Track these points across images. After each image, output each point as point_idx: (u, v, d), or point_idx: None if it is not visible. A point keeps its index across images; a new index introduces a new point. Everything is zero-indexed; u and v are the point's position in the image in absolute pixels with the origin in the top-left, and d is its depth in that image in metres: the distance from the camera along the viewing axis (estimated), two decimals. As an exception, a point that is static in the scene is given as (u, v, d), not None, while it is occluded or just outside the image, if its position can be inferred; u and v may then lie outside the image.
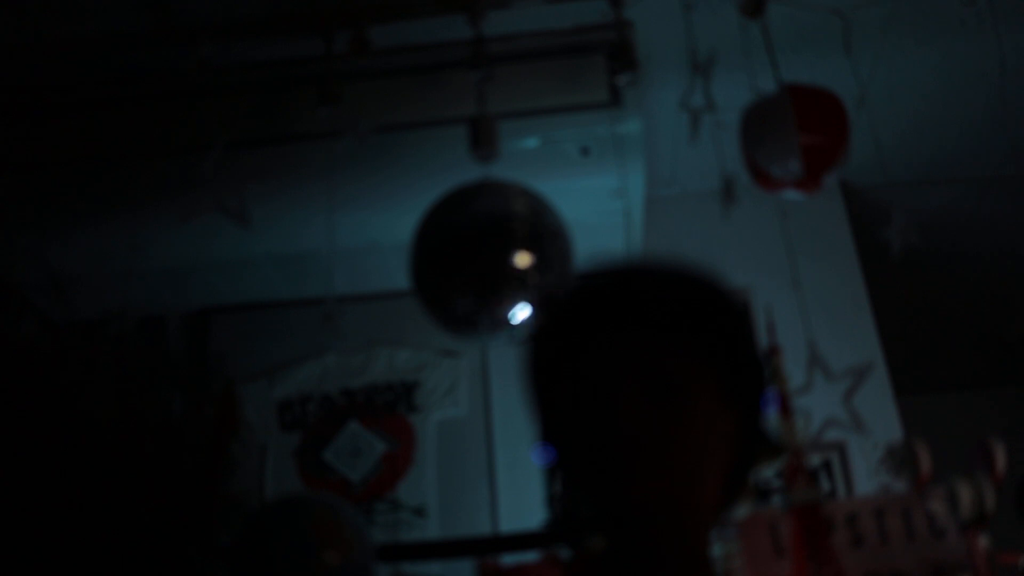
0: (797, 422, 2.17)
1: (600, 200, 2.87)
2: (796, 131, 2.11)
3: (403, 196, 2.68)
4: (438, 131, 2.63)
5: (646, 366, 0.92)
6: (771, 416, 2.14)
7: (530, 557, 2.39)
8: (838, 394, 2.86)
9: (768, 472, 2.28)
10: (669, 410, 0.90)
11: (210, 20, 2.49)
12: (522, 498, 3.08)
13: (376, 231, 2.94)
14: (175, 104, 2.70)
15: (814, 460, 3.09)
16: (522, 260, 2.08)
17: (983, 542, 2.10)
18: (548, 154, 2.79)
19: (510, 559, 2.43)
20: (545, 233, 2.13)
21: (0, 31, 2.50)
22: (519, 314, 2.09)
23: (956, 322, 4.46)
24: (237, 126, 2.59)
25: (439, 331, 2.24)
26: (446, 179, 2.23)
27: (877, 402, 3.18)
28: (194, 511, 2.16)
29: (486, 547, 2.54)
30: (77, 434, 2.09)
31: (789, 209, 2.68)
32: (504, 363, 3.33)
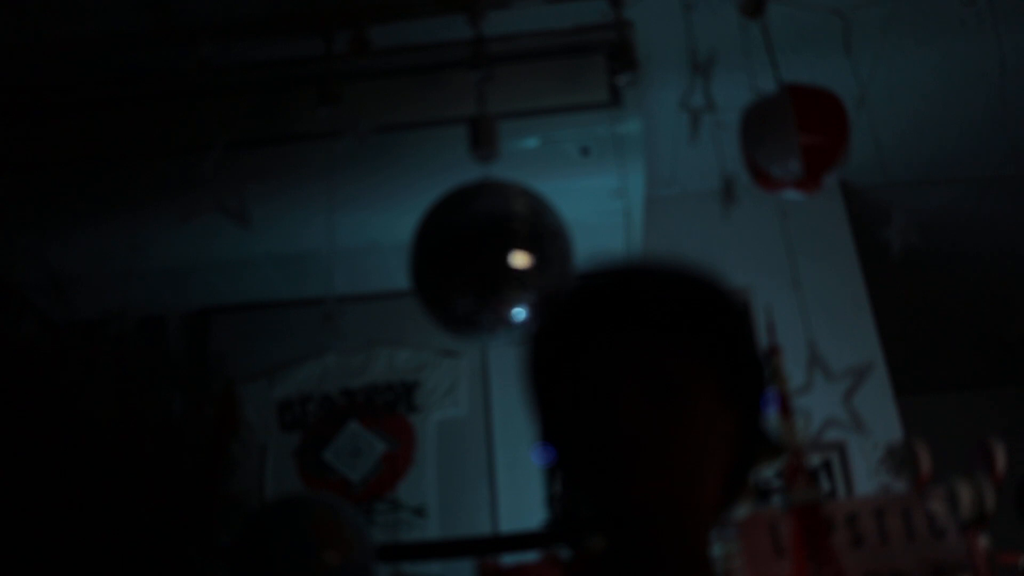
0: (797, 422, 2.17)
1: (600, 200, 2.87)
2: (796, 131, 2.11)
3: (403, 196, 2.68)
4: (438, 131, 2.63)
5: (646, 366, 0.92)
6: (771, 416, 2.14)
7: (530, 557, 2.39)
8: (838, 394, 2.86)
9: (768, 472, 2.28)
10: (669, 410, 0.90)
11: (210, 20, 2.49)
12: (522, 498, 3.08)
13: (376, 231, 2.94)
14: (175, 104, 2.70)
15: (814, 460, 3.08)
16: (522, 260, 2.08)
17: (983, 542, 2.10)
18: (548, 154, 2.79)
19: (510, 559, 2.43)
20: (545, 233, 2.13)
21: (0, 31, 2.50)
22: (519, 314, 2.09)
23: (956, 322, 4.46)
24: (237, 126, 2.59)
25: (439, 331, 2.23)
26: (446, 179, 2.22)
27: (877, 402, 3.18)
28: (194, 511, 2.16)
29: (486, 547, 2.54)
30: (77, 434, 2.09)
31: (789, 209, 2.68)
32: (504, 363, 3.33)
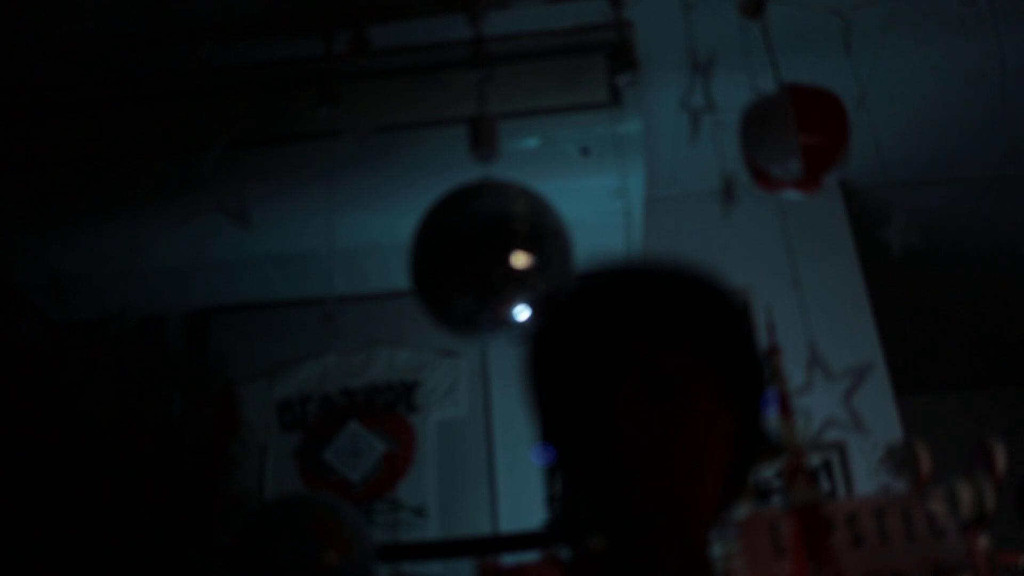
0: (797, 422, 2.17)
1: (600, 200, 2.87)
2: (796, 131, 2.11)
3: (403, 196, 2.68)
4: (438, 131, 2.63)
5: (646, 366, 0.92)
6: (771, 416, 2.14)
7: (530, 557, 2.39)
8: (838, 394, 2.86)
9: (768, 472, 2.28)
10: (669, 410, 0.90)
11: (210, 20, 2.49)
12: (522, 498, 3.08)
13: (376, 231, 2.94)
14: (175, 104, 2.70)
15: (814, 460, 3.08)
16: (522, 260, 2.08)
17: (983, 542, 2.10)
18: (548, 154, 2.79)
19: (510, 559, 2.43)
20: (545, 233, 2.13)
21: (0, 31, 2.50)
22: (519, 314, 2.09)
23: (956, 322, 4.46)
24: (237, 126, 2.59)
25: (439, 331, 2.24)
26: (446, 179, 2.22)
27: (877, 402, 3.18)
28: (194, 511, 2.16)
29: (486, 547, 2.54)
30: (77, 434, 2.09)
31: (789, 209, 2.68)
32: (504, 363, 3.33)
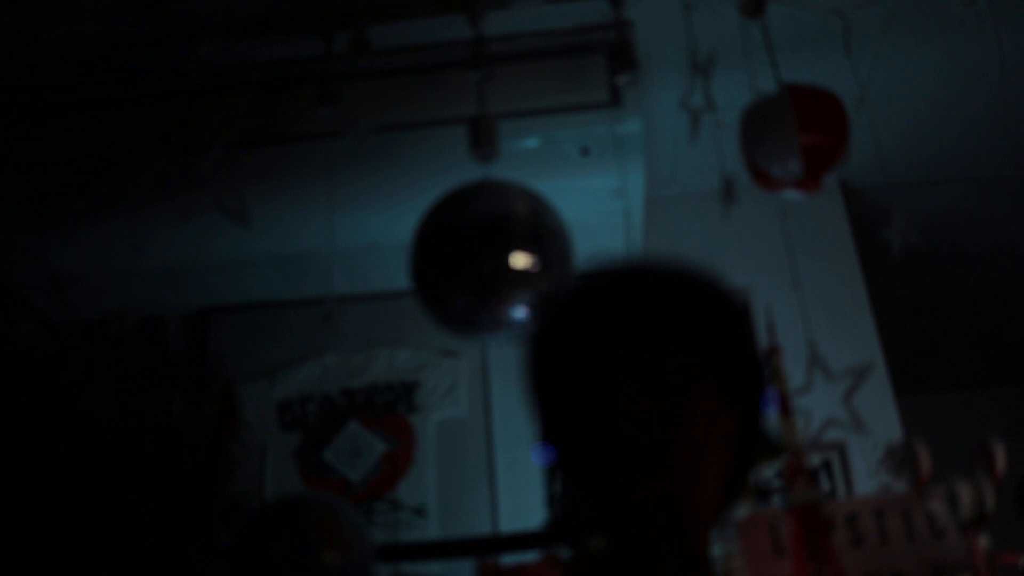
0: (797, 422, 2.17)
1: (600, 200, 2.87)
2: (796, 131, 2.11)
3: (403, 196, 2.68)
4: (438, 131, 2.63)
5: (646, 366, 0.92)
6: (771, 416, 2.14)
7: (530, 557, 2.39)
8: (838, 394, 2.86)
9: (768, 472, 2.28)
10: (669, 410, 0.90)
11: (210, 20, 2.49)
12: (522, 498, 3.08)
13: (376, 231, 2.94)
14: (175, 104, 2.70)
15: (814, 460, 3.08)
16: (522, 260, 2.08)
17: (983, 542, 2.10)
18: (548, 154, 2.79)
19: (510, 559, 2.43)
20: (545, 233, 2.13)
21: (0, 31, 2.50)
22: (519, 314, 2.09)
23: (956, 322, 4.46)
24: (237, 126, 2.59)
25: (439, 331, 2.24)
26: (446, 179, 2.22)
27: (877, 402, 3.18)
28: (194, 511, 2.16)
29: (486, 547, 2.54)
30: (77, 434, 2.09)
31: (789, 209, 2.67)
32: (504, 363, 3.33)
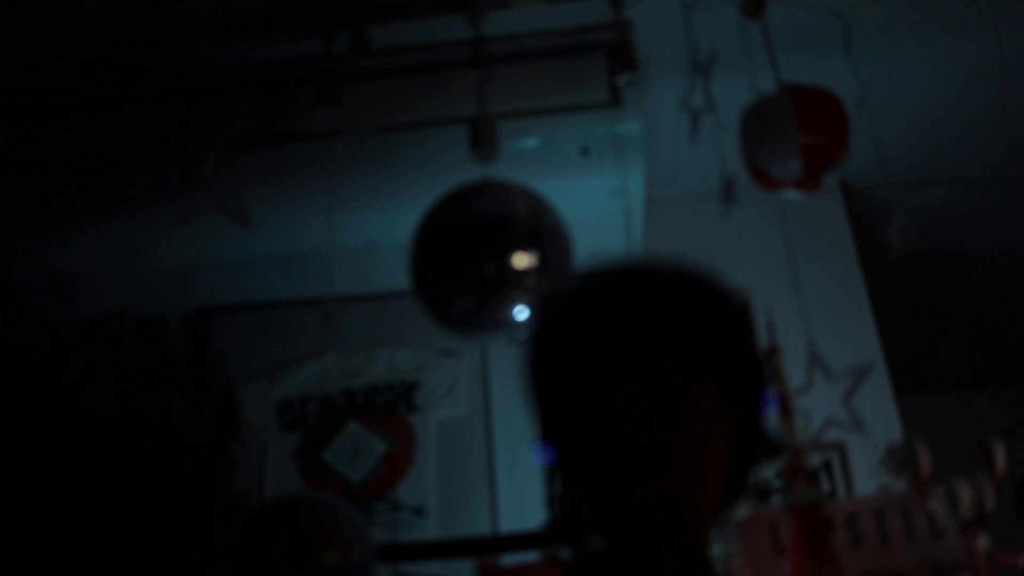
0: (797, 422, 2.17)
1: (600, 200, 2.87)
2: (796, 131, 2.11)
3: (403, 196, 2.68)
4: (438, 131, 2.63)
5: (646, 366, 0.92)
6: (771, 416, 2.14)
7: (530, 557, 2.39)
8: (838, 394, 2.85)
9: (768, 472, 2.28)
10: (669, 410, 0.90)
11: (210, 20, 2.49)
12: (522, 498, 3.08)
13: (376, 231, 2.94)
14: (175, 104, 2.70)
15: (814, 460, 3.08)
16: (522, 260, 2.08)
17: (983, 542, 2.10)
18: (548, 154, 2.79)
19: (510, 559, 2.43)
20: (545, 233, 2.13)
21: (0, 31, 2.50)
22: (519, 314, 2.09)
23: (956, 322, 4.46)
24: (237, 126, 2.59)
25: (439, 331, 2.24)
26: (446, 179, 2.22)
27: (877, 402, 3.18)
28: (194, 511, 2.16)
29: (486, 547, 2.54)
30: (77, 434, 2.09)
31: (789, 209, 2.67)
32: (504, 363, 3.33)
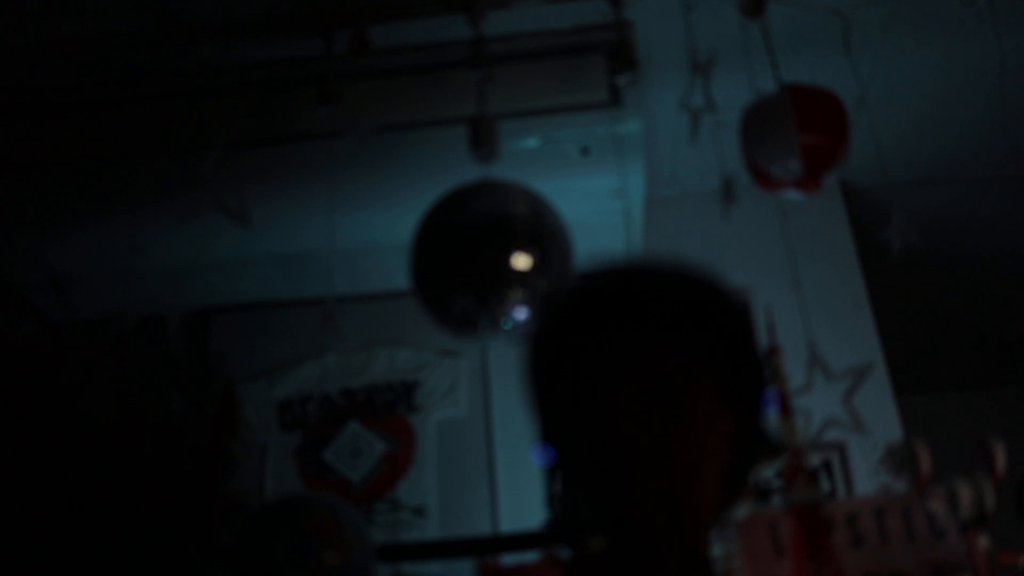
0: (797, 422, 2.17)
1: (600, 200, 2.87)
2: (796, 131, 2.11)
3: (403, 196, 2.68)
4: (438, 131, 2.63)
5: (646, 366, 0.92)
6: (771, 416, 2.14)
7: (530, 557, 2.39)
8: (838, 394, 2.85)
9: (768, 472, 2.28)
10: (669, 410, 0.90)
11: (210, 20, 2.49)
12: (522, 498, 3.08)
13: (376, 231, 2.94)
14: (175, 104, 2.70)
15: (814, 460, 3.08)
16: (522, 260, 2.08)
17: (983, 542, 2.10)
18: (548, 154, 2.79)
19: (510, 559, 2.43)
20: (545, 233, 2.13)
21: (0, 31, 2.50)
22: (519, 314, 2.09)
23: (956, 322, 4.46)
24: (237, 126, 2.59)
25: (439, 331, 2.23)
26: (446, 179, 2.23)
27: (877, 402, 3.18)
28: (194, 511, 2.16)
29: (486, 547, 2.54)
30: (77, 434, 2.09)
31: (789, 209, 2.67)
32: (504, 363, 3.33)
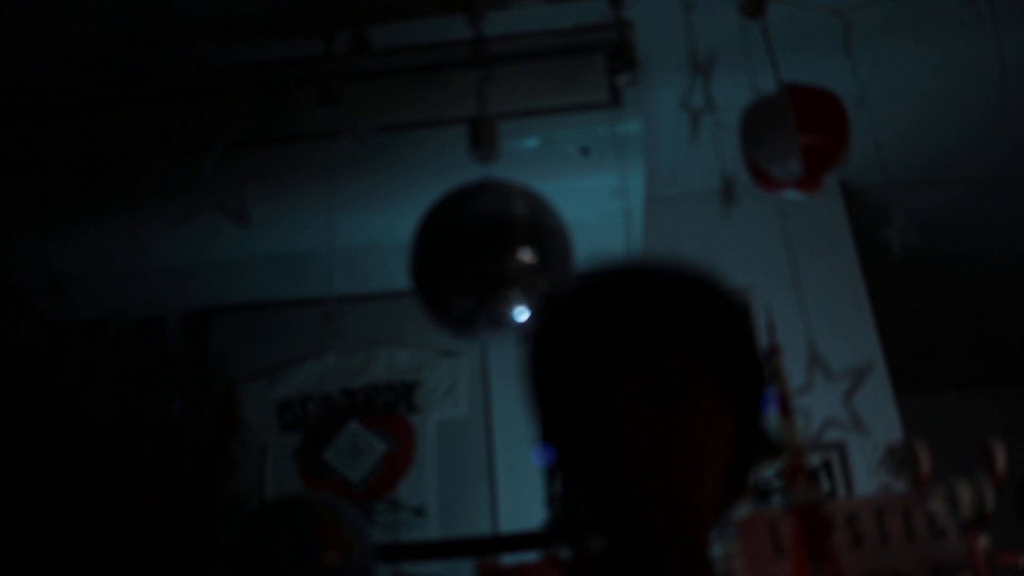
0: (797, 422, 2.17)
1: (600, 200, 2.87)
2: (796, 131, 2.11)
3: (403, 196, 2.68)
4: (438, 131, 2.63)
5: (646, 366, 0.92)
6: (771, 416, 2.14)
7: (530, 557, 2.39)
8: (838, 394, 2.85)
9: (768, 472, 2.28)
10: (669, 410, 0.90)
11: (210, 20, 2.49)
12: (522, 498, 3.08)
13: (376, 231, 2.94)
14: (175, 104, 2.70)
15: (814, 460, 3.08)
16: (522, 260, 2.08)
17: (983, 542, 2.10)
18: (548, 154, 2.79)
19: (510, 559, 2.43)
20: (545, 233, 2.13)
21: (0, 31, 2.50)
22: (519, 314, 2.09)
23: (956, 322, 4.46)
24: (237, 126, 2.59)
25: (439, 331, 2.24)
26: (446, 179, 2.23)
27: (877, 402, 3.18)
28: (194, 511, 2.16)
29: (486, 547, 2.54)
30: (77, 434, 2.09)
31: (789, 209, 2.67)
32: (504, 363, 3.33)
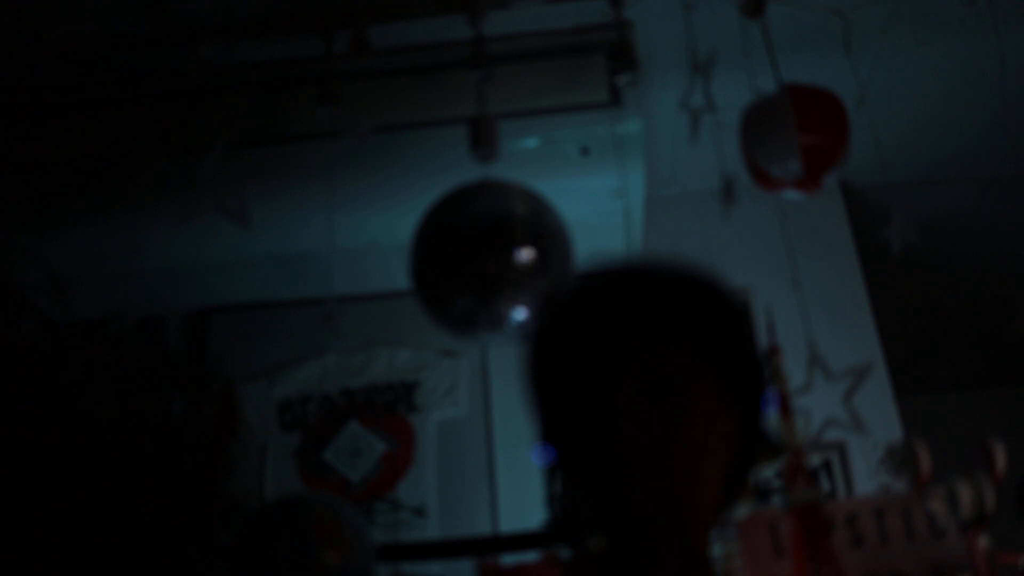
0: (797, 422, 2.17)
1: (600, 200, 2.87)
2: (796, 131, 2.11)
3: (403, 196, 2.68)
4: (438, 131, 2.63)
5: (646, 366, 0.92)
6: (771, 416, 2.14)
7: (530, 557, 2.39)
8: (838, 394, 2.85)
9: (768, 472, 2.28)
10: (669, 410, 0.90)
11: (210, 20, 2.49)
12: (522, 498, 3.08)
13: (376, 231, 2.94)
14: (175, 104, 2.70)
15: (814, 460, 3.08)
16: (522, 260, 2.08)
17: (983, 542, 2.10)
18: (548, 154, 2.79)
19: (510, 559, 2.43)
20: (545, 233, 2.13)
21: (0, 31, 2.50)
22: (519, 314, 2.09)
23: (956, 322, 4.46)
24: (237, 126, 2.59)
25: (439, 331, 2.24)
26: (446, 179, 2.23)
27: (877, 402, 3.18)
28: (194, 511, 2.16)
29: (486, 547, 2.54)
30: (77, 434, 2.09)
31: (789, 209, 2.67)
32: (504, 363, 3.33)
